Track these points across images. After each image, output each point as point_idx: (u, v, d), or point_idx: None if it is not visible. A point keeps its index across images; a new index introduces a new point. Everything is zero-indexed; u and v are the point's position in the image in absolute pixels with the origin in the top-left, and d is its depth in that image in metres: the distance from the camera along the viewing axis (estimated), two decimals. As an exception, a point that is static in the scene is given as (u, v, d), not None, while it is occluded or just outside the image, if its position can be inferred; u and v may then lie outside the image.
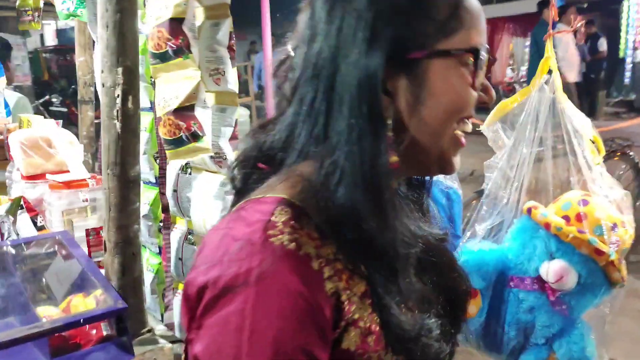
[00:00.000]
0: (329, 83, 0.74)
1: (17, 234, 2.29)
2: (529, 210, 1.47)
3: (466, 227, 1.64)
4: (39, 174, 2.46)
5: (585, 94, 11.94)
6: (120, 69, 1.84)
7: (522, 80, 17.05)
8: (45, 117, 3.27)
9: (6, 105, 3.92)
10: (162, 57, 1.75)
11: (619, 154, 4.84)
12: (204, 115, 1.78)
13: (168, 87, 1.80)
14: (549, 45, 1.44)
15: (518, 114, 1.49)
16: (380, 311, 0.71)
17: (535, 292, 1.55)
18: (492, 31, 15.25)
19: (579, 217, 1.44)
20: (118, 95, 1.86)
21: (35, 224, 2.35)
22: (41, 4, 3.24)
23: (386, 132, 0.72)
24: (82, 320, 1.56)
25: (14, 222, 2.31)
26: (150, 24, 1.79)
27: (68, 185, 2.33)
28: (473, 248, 1.54)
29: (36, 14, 3.27)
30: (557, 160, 1.48)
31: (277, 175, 0.76)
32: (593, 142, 1.47)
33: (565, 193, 1.46)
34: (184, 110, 1.76)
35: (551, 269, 1.50)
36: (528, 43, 16.35)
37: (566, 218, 1.45)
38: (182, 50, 1.75)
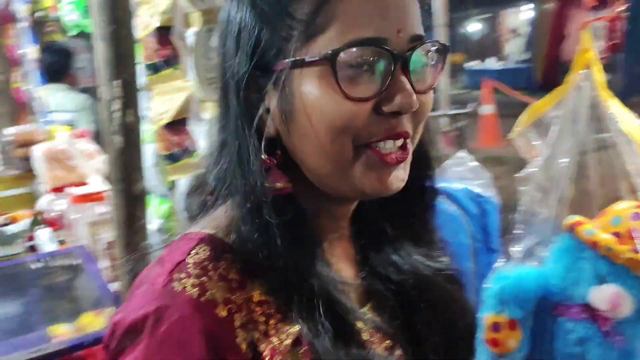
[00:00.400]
0: (224, 102, 0.68)
1: (37, 249, 2.27)
2: (572, 227, 1.25)
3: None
4: (61, 187, 2.43)
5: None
6: (117, 82, 1.77)
7: (600, 57, 16.25)
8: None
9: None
10: (154, 68, 1.65)
11: None
12: (198, 130, 1.67)
13: (161, 100, 1.71)
14: (585, 36, 1.20)
15: (554, 118, 1.26)
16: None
17: (584, 321, 1.33)
18: (562, 6, 14.53)
19: (631, 234, 1.20)
20: (116, 108, 1.79)
21: (55, 238, 2.32)
22: (52, 16, 3.23)
23: (260, 153, 0.65)
24: (90, 341, 1.58)
25: (34, 237, 2.29)
26: (140, 34, 1.69)
27: (86, 198, 2.28)
28: (509, 273, 1.33)
29: (57, 24, 3.27)
30: (603, 168, 1.25)
31: (222, 205, 0.71)
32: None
33: (613, 205, 1.23)
34: (177, 125, 1.68)
35: (603, 296, 1.27)
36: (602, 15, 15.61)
37: (617, 235, 1.23)
38: (170, 62, 1.65)
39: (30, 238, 2.38)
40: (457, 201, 1.93)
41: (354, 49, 0.60)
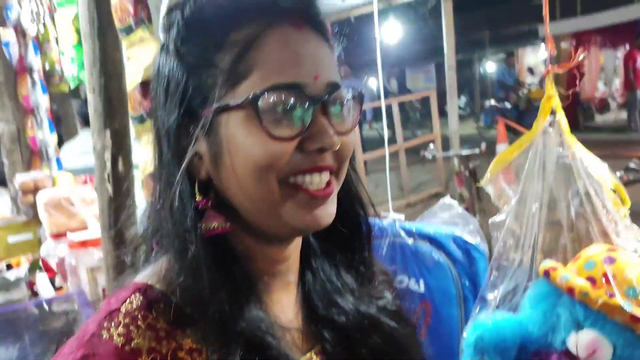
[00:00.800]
0: (158, 152, 0.72)
1: (36, 294, 2.29)
2: (547, 273, 1.24)
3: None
4: (63, 233, 2.47)
5: None
6: (108, 132, 1.81)
7: (616, 94, 16.19)
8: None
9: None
10: (140, 119, 1.69)
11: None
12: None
13: (147, 149, 1.75)
14: (548, 84, 1.22)
15: (522, 164, 1.27)
16: None
17: (564, 369, 1.30)
18: (578, 44, 14.57)
19: (606, 278, 1.19)
20: (108, 158, 1.83)
21: (53, 283, 2.34)
22: (57, 69, 3.35)
23: (192, 197, 0.69)
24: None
25: (33, 283, 2.32)
26: (128, 88, 1.75)
27: (86, 244, 2.31)
28: (486, 321, 1.32)
29: (63, 76, 3.39)
30: (572, 212, 1.24)
31: (165, 254, 0.72)
32: (615, 191, 1.22)
33: (585, 249, 1.22)
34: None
35: (581, 342, 1.26)
36: (619, 55, 15.61)
37: (591, 280, 1.22)
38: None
39: (32, 284, 2.41)
40: (443, 247, 1.90)
41: (275, 93, 0.64)
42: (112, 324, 0.64)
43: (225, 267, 0.69)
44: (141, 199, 2.26)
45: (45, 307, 2.22)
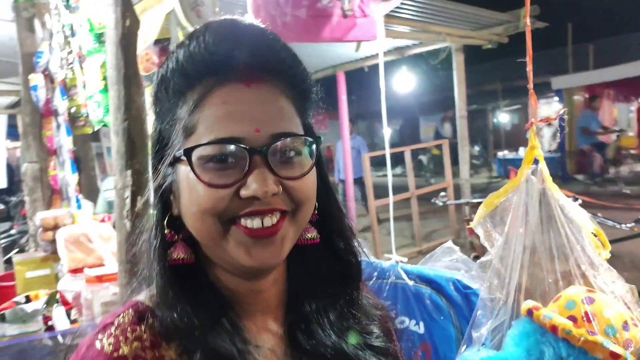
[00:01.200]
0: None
1: (51, 328, 2.37)
2: (530, 312, 1.32)
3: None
4: (80, 268, 2.58)
5: None
6: (129, 172, 1.93)
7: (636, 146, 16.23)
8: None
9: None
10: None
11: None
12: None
13: None
14: (531, 135, 1.33)
15: (507, 208, 1.36)
16: None
17: (548, 404, 1.36)
18: (591, 97, 14.72)
19: (586, 317, 1.27)
20: (127, 196, 1.94)
21: (68, 316, 2.43)
22: (82, 112, 3.53)
23: (163, 229, 0.78)
24: None
25: (49, 318, 2.40)
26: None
27: (101, 279, 2.40)
28: (472, 358, 1.39)
29: (88, 120, 3.57)
30: (553, 255, 1.33)
31: None
32: (595, 236, 1.31)
33: (565, 290, 1.30)
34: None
35: (564, 378, 1.32)
36: (633, 108, 15.72)
37: (572, 318, 1.29)
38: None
39: (48, 318, 2.49)
40: (443, 290, 1.96)
41: (209, 147, 0.72)
42: (105, 335, 0.73)
43: (198, 296, 0.77)
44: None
45: (60, 339, 2.30)
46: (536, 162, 1.35)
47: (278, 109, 0.76)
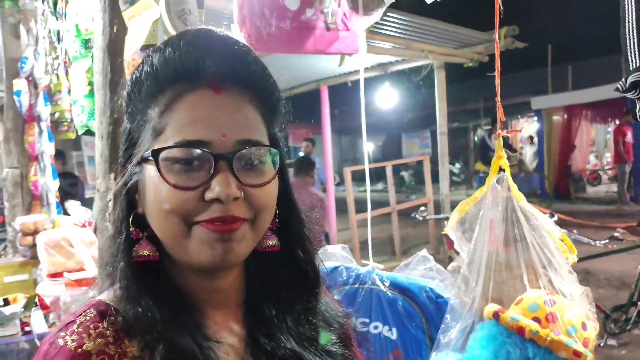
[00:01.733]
0: None
1: (29, 333, 2.37)
2: (496, 315, 1.38)
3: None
4: (60, 272, 2.58)
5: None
6: (112, 175, 1.96)
7: (607, 167, 16.51)
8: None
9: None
10: None
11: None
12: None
13: None
14: (498, 145, 1.40)
15: (476, 215, 1.43)
16: None
17: (514, 404, 1.42)
18: (570, 118, 14.97)
19: (549, 318, 1.34)
20: (110, 199, 1.96)
21: (47, 320, 2.43)
22: (66, 117, 3.55)
23: (128, 227, 0.81)
24: None
25: (27, 323, 2.40)
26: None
27: (80, 283, 2.41)
28: None
29: (72, 124, 3.59)
30: (518, 260, 1.39)
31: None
32: (562, 241, 1.38)
33: (525, 293, 1.37)
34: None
35: (530, 378, 1.37)
36: (610, 129, 16.03)
37: (537, 320, 1.36)
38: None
39: (25, 324, 2.49)
40: (415, 298, 2.01)
41: (176, 149, 0.75)
42: (67, 333, 0.75)
43: (160, 293, 0.80)
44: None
45: (37, 342, 2.30)
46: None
47: (245, 117, 0.80)
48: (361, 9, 2.66)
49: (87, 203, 4.89)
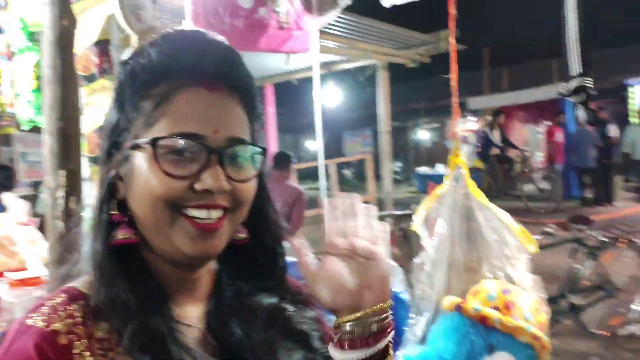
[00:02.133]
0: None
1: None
2: (459, 307, 1.43)
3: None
4: (1, 272, 2.47)
5: (600, 179, 12.00)
6: (62, 172, 1.90)
7: (538, 166, 17.17)
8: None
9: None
10: (96, 160, 1.82)
11: (625, 241, 4.74)
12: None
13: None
14: (455, 143, 1.45)
15: (437, 211, 1.48)
16: None
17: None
18: (506, 119, 15.47)
19: (507, 306, 1.41)
20: (60, 196, 1.90)
21: (-10, 322, 2.32)
22: (8, 111, 3.41)
23: (109, 211, 0.84)
24: None
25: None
26: (86, 130, 1.88)
27: (24, 282, 2.33)
28: (410, 356, 1.48)
29: (13, 119, 3.43)
30: (475, 253, 1.45)
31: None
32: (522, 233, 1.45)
33: (480, 284, 1.44)
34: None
35: (496, 362, 1.44)
36: (540, 130, 16.66)
37: (496, 308, 1.42)
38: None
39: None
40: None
41: (173, 139, 0.79)
42: (37, 314, 0.77)
43: (134, 277, 0.82)
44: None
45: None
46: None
47: (235, 116, 0.85)
48: (315, 9, 2.68)
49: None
